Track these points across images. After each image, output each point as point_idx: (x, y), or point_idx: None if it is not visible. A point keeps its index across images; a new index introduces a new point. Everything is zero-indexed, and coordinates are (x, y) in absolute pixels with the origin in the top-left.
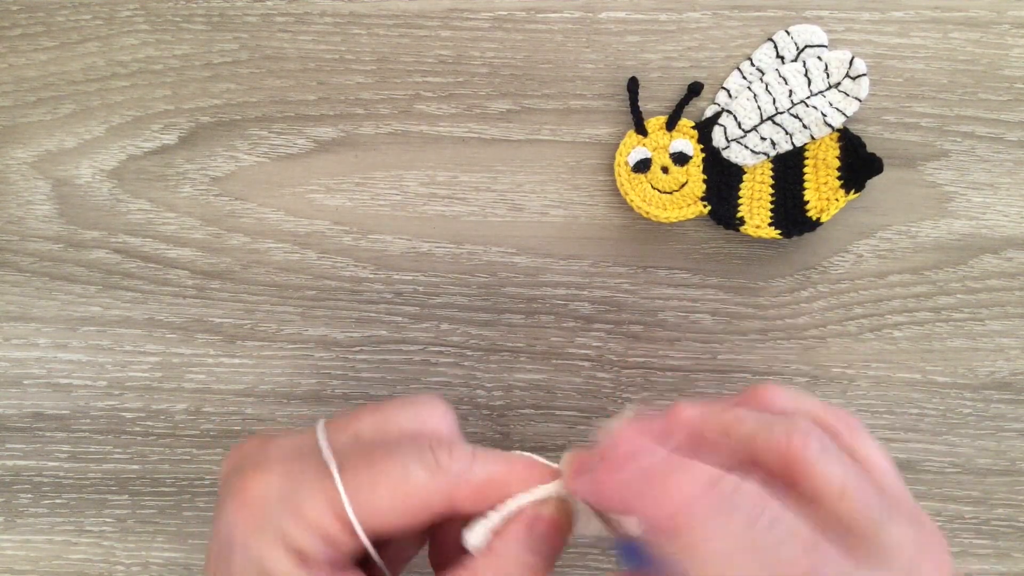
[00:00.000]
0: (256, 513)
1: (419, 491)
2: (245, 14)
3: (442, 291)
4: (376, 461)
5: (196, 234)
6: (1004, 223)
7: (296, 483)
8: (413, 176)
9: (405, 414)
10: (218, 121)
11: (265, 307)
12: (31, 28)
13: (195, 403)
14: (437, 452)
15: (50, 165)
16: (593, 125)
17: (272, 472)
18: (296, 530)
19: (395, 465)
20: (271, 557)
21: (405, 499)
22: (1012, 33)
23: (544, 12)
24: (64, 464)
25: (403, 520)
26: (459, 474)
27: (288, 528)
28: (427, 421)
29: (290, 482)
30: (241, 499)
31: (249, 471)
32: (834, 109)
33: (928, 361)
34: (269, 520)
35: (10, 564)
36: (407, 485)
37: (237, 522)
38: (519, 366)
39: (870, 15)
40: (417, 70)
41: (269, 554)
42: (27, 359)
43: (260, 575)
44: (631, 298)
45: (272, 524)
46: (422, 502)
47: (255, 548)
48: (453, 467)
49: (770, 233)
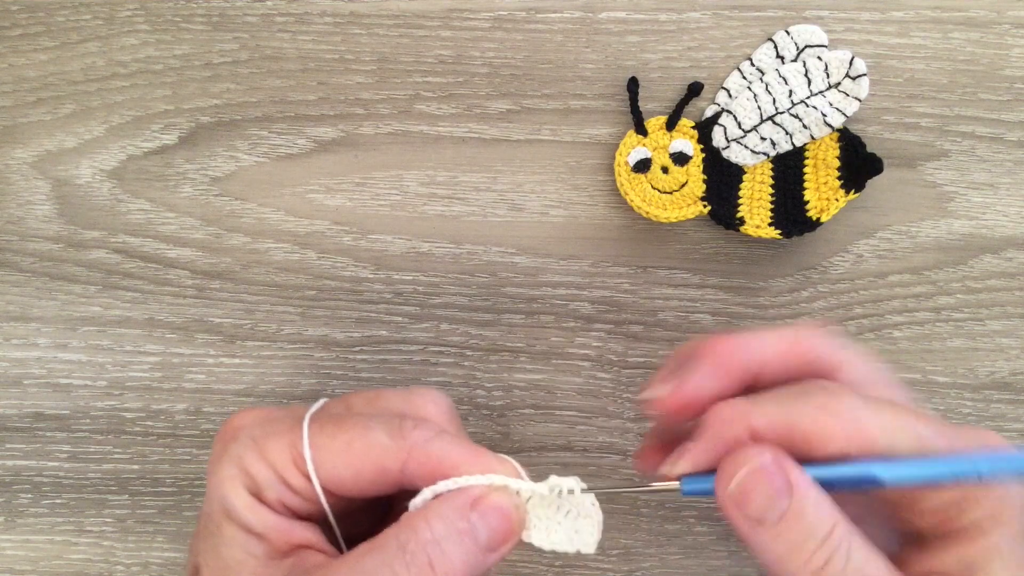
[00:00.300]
0: (226, 442)
1: (374, 451)
2: (245, 14)
3: (442, 291)
4: (345, 421)
5: (196, 234)
6: (1004, 223)
7: (269, 427)
8: (413, 176)
9: (398, 396)
10: (218, 121)
11: (265, 307)
12: (31, 28)
13: (195, 403)
14: (405, 421)
15: (50, 165)
16: (593, 125)
17: (254, 414)
18: (255, 464)
19: (360, 425)
20: (231, 489)
21: (360, 457)
22: (1012, 33)
23: (544, 12)
24: (64, 464)
25: (356, 479)
26: (417, 442)
27: (248, 460)
28: (417, 407)
29: (264, 425)
30: (220, 431)
31: (239, 412)
32: (834, 109)
33: (928, 361)
34: (235, 450)
35: (10, 564)
36: (364, 443)
37: (212, 452)
38: (519, 366)
39: (870, 15)
40: (417, 70)
41: (230, 485)
42: (27, 359)
43: (220, 503)
44: (631, 298)
45: (235, 452)
46: (376, 464)
47: (218, 477)
48: (413, 435)
49: (770, 233)
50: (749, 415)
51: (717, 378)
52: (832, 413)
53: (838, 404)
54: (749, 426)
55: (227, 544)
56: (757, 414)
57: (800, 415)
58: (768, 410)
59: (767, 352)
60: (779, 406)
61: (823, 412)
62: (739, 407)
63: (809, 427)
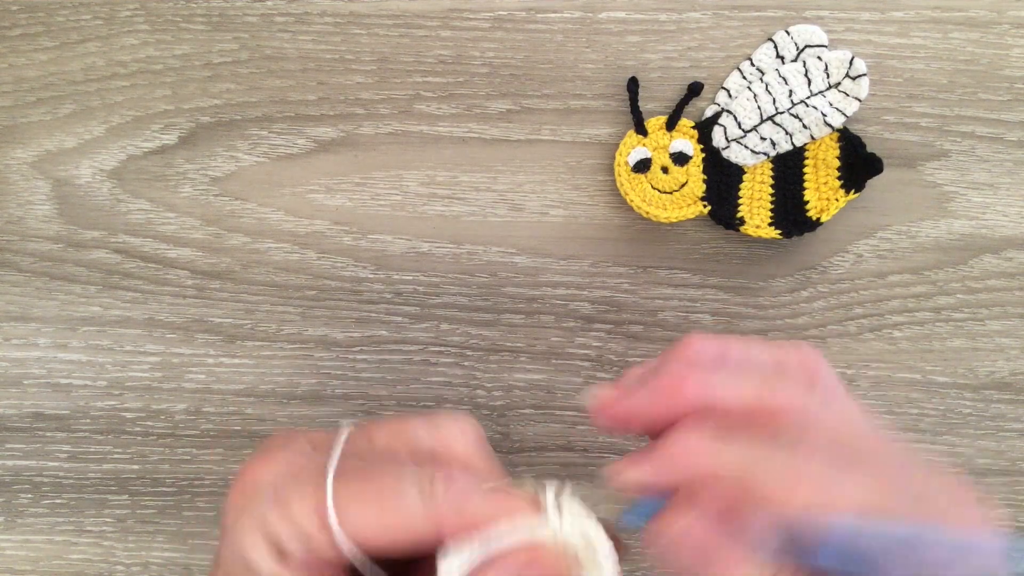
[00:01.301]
0: (247, 497)
1: (407, 514)
2: (245, 14)
3: (442, 291)
4: (374, 475)
5: (196, 234)
6: (1004, 223)
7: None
8: (413, 176)
9: (424, 428)
10: (218, 121)
11: (265, 307)
12: (31, 28)
13: (195, 403)
14: (437, 479)
15: (50, 165)
16: (593, 125)
17: (275, 462)
18: (279, 524)
19: (390, 483)
20: (252, 547)
21: (391, 519)
22: (1012, 33)
23: (544, 12)
24: (64, 464)
25: (386, 540)
26: (452, 505)
27: (271, 520)
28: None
29: (287, 476)
30: (239, 481)
31: (257, 456)
32: (834, 109)
33: (928, 361)
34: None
35: (10, 564)
36: (396, 506)
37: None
38: (519, 366)
39: (870, 15)
40: (417, 70)
41: (251, 543)
42: (27, 359)
43: (241, 562)
44: (631, 298)
45: (258, 512)
46: (408, 526)
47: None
48: (448, 498)
49: (770, 233)
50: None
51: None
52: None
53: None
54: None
55: None
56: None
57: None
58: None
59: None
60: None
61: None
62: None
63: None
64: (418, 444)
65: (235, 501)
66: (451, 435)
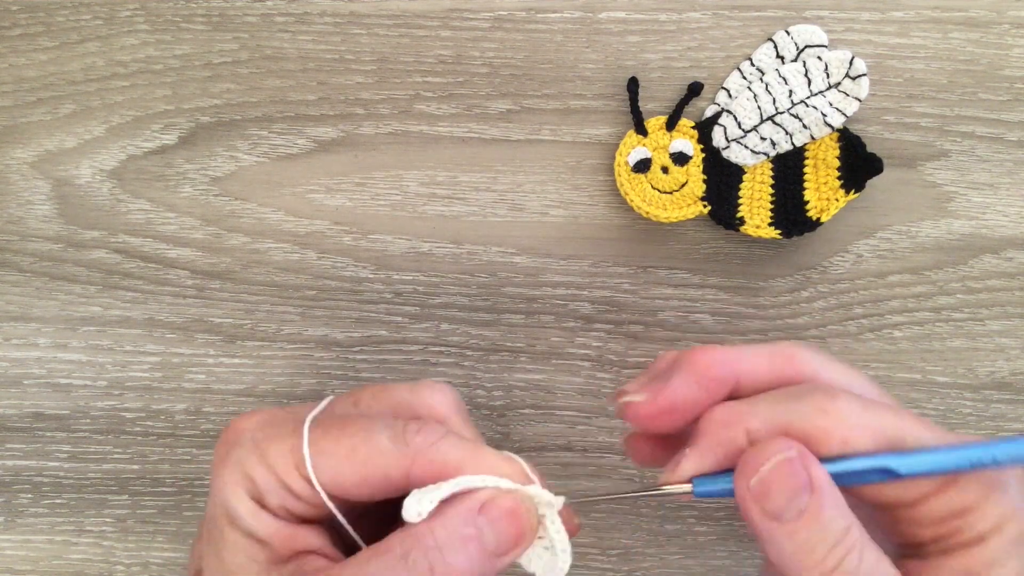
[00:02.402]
0: (229, 447)
1: (378, 457)
2: (245, 14)
3: (442, 291)
4: (349, 425)
5: (196, 234)
6: (1004, 223)
7: (271, 430)
8: (413, 176)
9: (405, 390)
10: (218, 121)
11: (265, 307)
12: (31, 28)
13: (195, 403)
14: (409, 426)
15: (50, 165)
16: (593, 125)
17: (257, 417)
18: (257, 470)
19: (364, 428)
20: (232, 492)
21: (363, 463)
22: (1012, 33)
23: (544, 12)
24: (64, 464)
25: (360, 485)
26: (420, 448)
27: (250, 467)
28: (425, 398)
29: (267, 428)
30: (225, 432)
31: (243, 415)
32: (834, 109)
33: (928, 361)
34: (237, 455)
35: (10, 564)
36: (367, 449)
37: (215, 455)
38: (519, 366)
39: (870, 15)
40: (417, 70)
41: (231, 489)
42: (27, 359)
43: (223, 508)
44: (631, 298)
45: (238, 459)
46: (379, 470)
47: (220, 480)
48: (416, 439)
49: (770, 233)
50: (745, 417)
51: (695, 388)
52: (829, 414)
53: (835, 405)
54: (746, 428)
55: (229, 549)
56: (753, 416)
57: (797, 416)
58: (764, 412)
59: (747, 365)
60: (775, 408)
61: (820, 413)
62: (734, 409)
63: (807, 428)
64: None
65: (219, 452)
66: (431, 398)
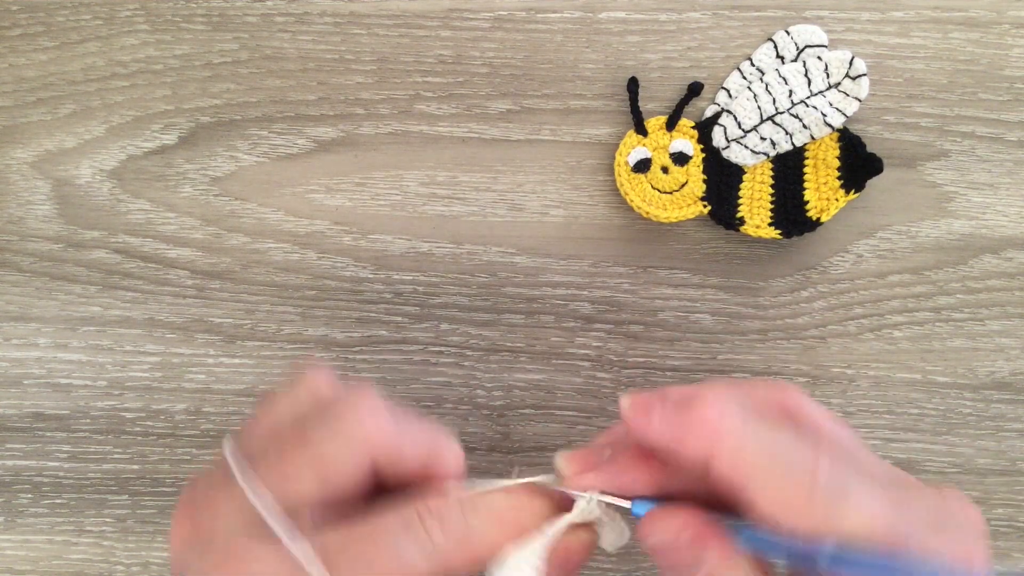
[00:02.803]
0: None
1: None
2: (245, 14)
3: (442, 291)
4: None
5: (196, 234)
6: (1004, 223)
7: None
8: (413, 176)
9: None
10: (218, 121)
11: (265, 307)
12: (31, 28)
13: (195, 403)
14: (428, 524)
15: (50, 165)
16: (593, 125)
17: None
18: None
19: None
20: None
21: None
22: (1012, 33)
23: (544, 12)
24: (64, 464)
25: None
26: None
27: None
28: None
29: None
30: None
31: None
32: (834, 109)
33: (928, 361)
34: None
35: (10, 564)
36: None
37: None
38: (519, 366)
39: (870, 15)
40: (417, 70)
41: None
42: (27, 359)
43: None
44: (631, 298)
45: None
46: None
47: None
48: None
49: (770, 233)
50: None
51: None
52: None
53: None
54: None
55: None
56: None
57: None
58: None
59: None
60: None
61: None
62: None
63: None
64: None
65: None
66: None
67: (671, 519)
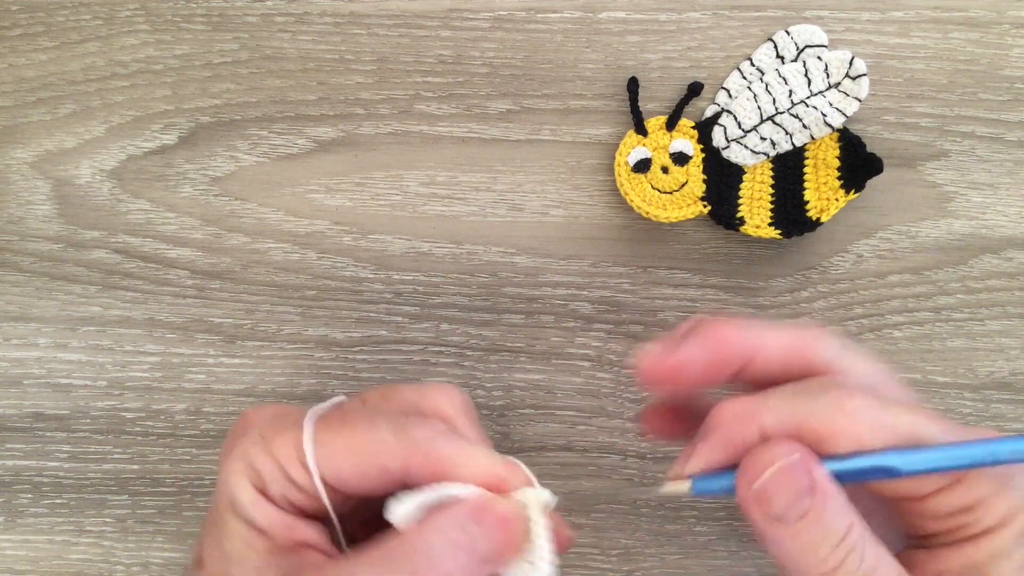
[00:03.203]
0: (236, 438)
1: (377, 449)
2: (245, 14)
3: (442, 291)
4: (352, 418)
5: (196, 234)
6: (1004, 223)
7: (278, 423)
8: (413, 176)
9: (412, 391)
10: (218, 121)
11: (265, 307)
12: (31, 28)
13: (195, 403)
14: (410, 419)
15: (50, 165)
16: (593, 125)
17: (267, 411)
18: (261, 460)
19: (365, 422)
20: (236, 482)
21: (362, 455)
22: (1012, 33)
23: (544, 12)
24: (64, 464)
25: (359, 477)
26: (419, 441)
27: (255, 457)
28: (431, 400)
29: (274, 421)
30: (234, 426)
31: (254, 408)
32: (834, 109)
33: (928, 361)
34: (244, 446)
35: (10, 564)
36: (367, 441)
37: (223, 446)
38: (519, 366)
39: (870, 15)
40: (417, 70)
41: (235, 479)
42: (27, 359)
43: (226, 496)
44: (631, 298)
45: (244, 450)
46: (378, 462)
47: (226, 471)
48: (415, 433)
49: (770, 233)
50: (759, 414)
51: (707, 353)
52: (845, 412)
53: (851, 404)
54: (759, 425)
55: (230, 537)
56: (767, 413)
57: (812, 414)
58: (778, 409)
59: (764, 342)
60: (789, 404)
61: (836, 411)
62: (747, 405)
63: (821, 427)
64: (406, 405)
65: (227, 442)
66: (437, 399)
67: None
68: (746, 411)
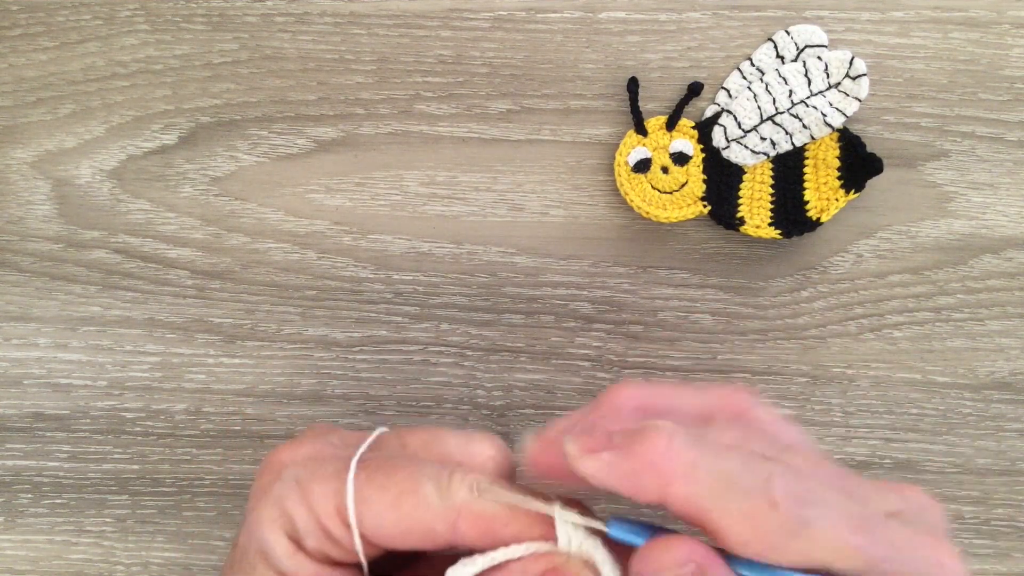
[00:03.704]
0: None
1: (423, 510)
2: (245, 14)
3: (442, 291)
4: (395, 470)
5: (196, 234)
6: (1004, 223)
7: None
8: (413, 176)
9: (456, 439)
10: (218, 121)
11: (265, 307)
12: (31, 28)
13: (195, 403)
14: (454, 474)
15: (50, 165)
16: (593, 125)
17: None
18: (298, 510)
19: (409, 477)
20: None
21: (407, 514)
22: (1012, 33)
23: (544, 12)
24: (64, 464)
25: (403, 536)
26: (467, 503)
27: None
28: (475, 450)
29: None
30: (266, 463)
31: (287, 442)
32: (834, 109)
33: (928, 361)
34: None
35: (10, 564)
36: (413, 500)
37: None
38: (519, 366)
39: (870, 15)
40: (417, 70)
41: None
42: (27, 359)
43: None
44: (631, 298)
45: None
46: (423, 522)
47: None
48: (461, 493)
49: (770, 233)
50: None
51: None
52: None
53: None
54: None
55: None
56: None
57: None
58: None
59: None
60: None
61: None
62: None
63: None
64: (447, 454)
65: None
66: (481, 451)
67: (673, 550)
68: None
